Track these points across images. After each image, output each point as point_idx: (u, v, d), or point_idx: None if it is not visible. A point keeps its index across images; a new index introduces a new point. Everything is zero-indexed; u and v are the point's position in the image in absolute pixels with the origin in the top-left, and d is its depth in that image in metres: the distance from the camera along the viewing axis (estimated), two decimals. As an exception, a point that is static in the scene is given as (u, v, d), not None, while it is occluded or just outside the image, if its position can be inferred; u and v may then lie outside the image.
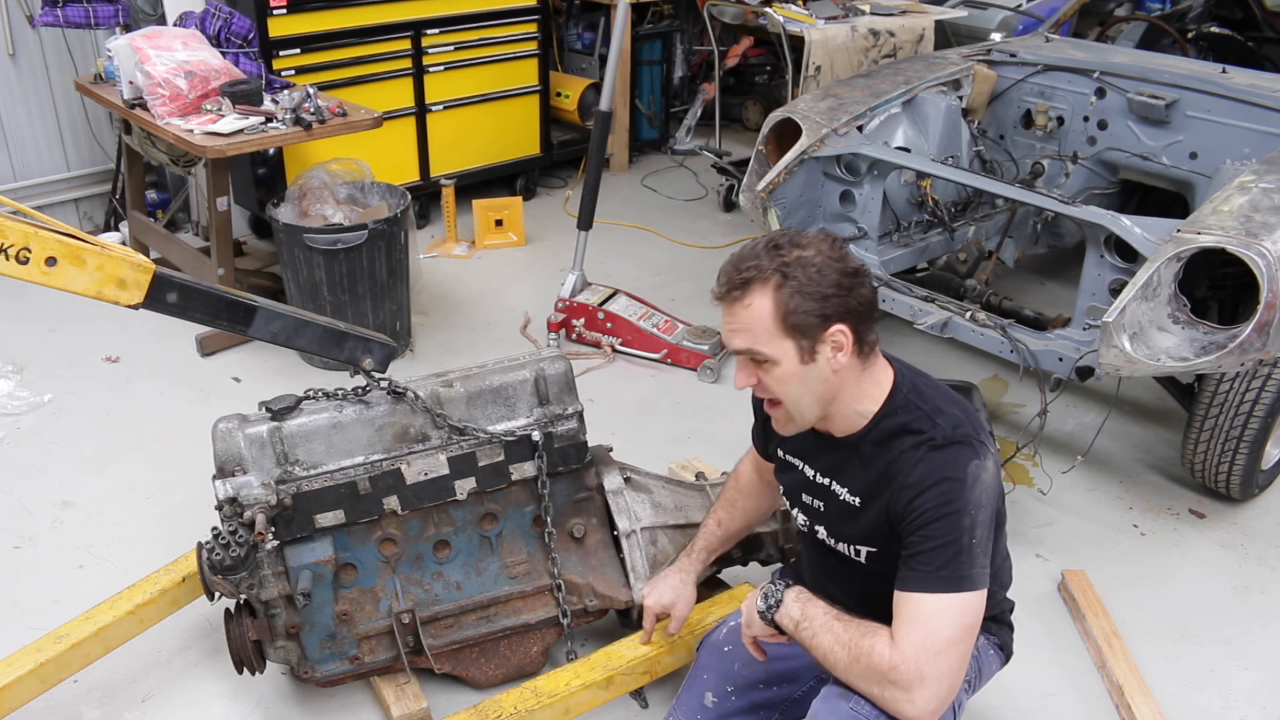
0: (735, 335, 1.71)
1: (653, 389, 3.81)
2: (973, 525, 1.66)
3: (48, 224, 2.04)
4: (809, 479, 1.92)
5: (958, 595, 1.64)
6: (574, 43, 6.10)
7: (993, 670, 2.02)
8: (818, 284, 1.65)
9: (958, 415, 1.75)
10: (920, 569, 1.66)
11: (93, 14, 4.26)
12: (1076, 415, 3.68)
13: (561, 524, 2.45)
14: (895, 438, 1.75)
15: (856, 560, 1.87)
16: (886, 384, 1.79)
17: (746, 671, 2.02)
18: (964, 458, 1.68)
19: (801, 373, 1.70)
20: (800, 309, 1.65)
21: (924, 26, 5.24)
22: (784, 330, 1.66)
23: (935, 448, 1.70)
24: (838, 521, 1.88)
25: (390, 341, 2.48)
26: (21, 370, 3.81)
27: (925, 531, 1.67)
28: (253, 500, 2.16)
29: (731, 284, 1.69)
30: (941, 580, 1.65)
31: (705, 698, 2.04)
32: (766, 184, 3.61)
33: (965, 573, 1.65)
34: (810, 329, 1.66)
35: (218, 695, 2.48)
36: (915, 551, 1.68)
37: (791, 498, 2.00)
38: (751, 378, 1.75)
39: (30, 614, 2.68)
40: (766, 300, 1.66)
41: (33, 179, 4.78)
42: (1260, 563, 3.01)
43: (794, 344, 1.67)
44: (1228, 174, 3.44)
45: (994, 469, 1.72)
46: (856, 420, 1.79)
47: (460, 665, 2.42)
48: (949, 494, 1.66)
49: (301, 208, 3.82)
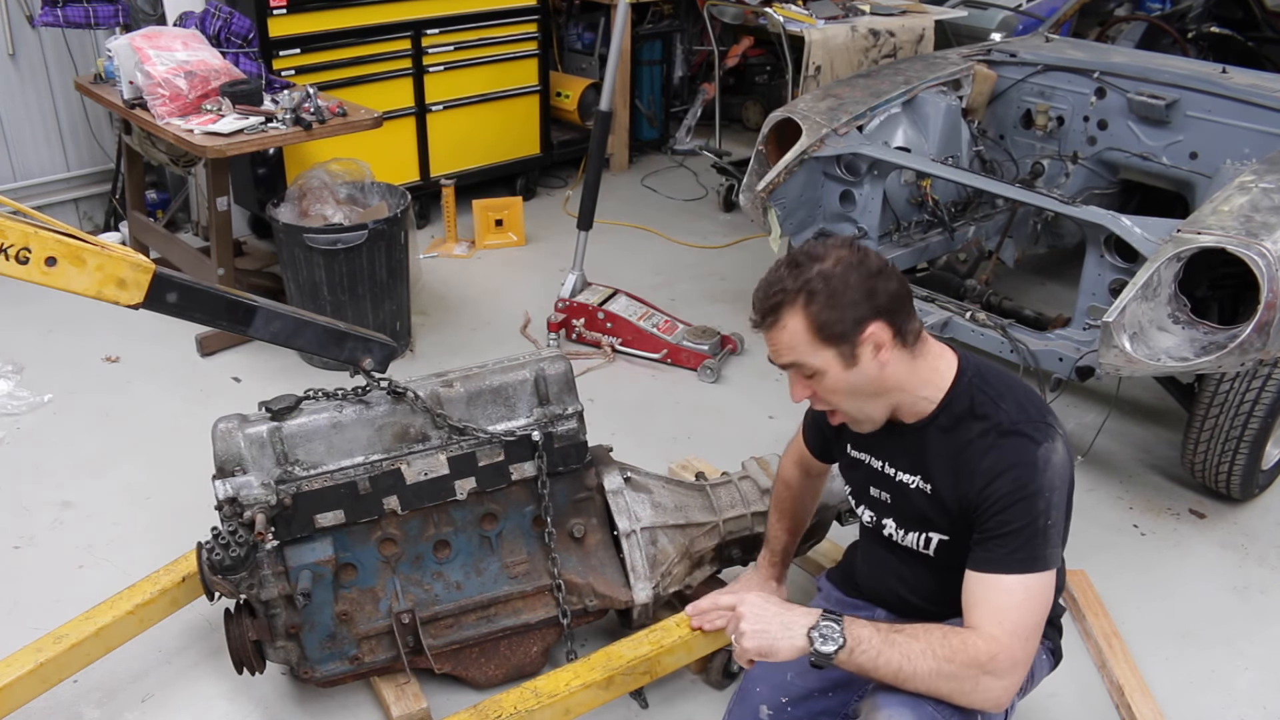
0: (779, 355, 1.77)
1: (653, 389, 3.81)
2: (1048, 508, 1.69)
3: (48, 224, 2.03)
4: (877, 471, 1.94)
5: (1036, 576, 1.67)
6: (574, 43, 6.10)
7: (1044, 674, 2.02)
8: (841, 293, 1.69)
9: (1022, 399, 1.79)
10: (997, 550, 1.69)
11: (93, 14, 4.26)
12: (1076, 415, 3.68)
13: (561, 524, 2.44)
14: (963, 423, 1.78)
15: (926, 554, 1.89)
16: (948, 370, 1.82)
17: (801, 681, 2.00)
18: (1035, 441, 1.72)
19: (848, 378, 1.74)
20: (831, 320, 1.69)
21: (924, 26, 5.24)
22: (821, 342, 1.71)
23: (1003, 434, 1.74)
24: (907, 512, 1.90)
25: (390, 341, 2.48)
26: (21, 370, 3.81)
27: (1002, 517, 1.69)
28: (253, 500, 2.16)
29: (764, 312, 1.74)
30: (1019, 562, 1.67)
31: (760, 711, 2.02)
32: (766, 184, 3.61)
33: (1040, 553, 1.68)
34: (845, 336, 1.70)
35: (218, 695, 2.48)
36: (992, 535, 1.70)
37: (858, 494, 2.02)
38: (806, 390, 1.79)
39: (30, 614, 2.68)
40: (798, 320, 1.71)
41: (33, 179, 4.78)
42: (1260, 563, 3.01)
43: (834, 352, 1.72)
44: (1228, 174, 3.44)
45: (1064, 451, 1.74)
46: (924, 406, 1.82)
47: (460, 665, 2.42)
48: (1022, 479, 1.69)
49: (301, 208, 3.82)
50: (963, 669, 1.63)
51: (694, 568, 2.54)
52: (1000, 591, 1.67)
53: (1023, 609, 1.66)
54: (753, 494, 2.59)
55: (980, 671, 1.63)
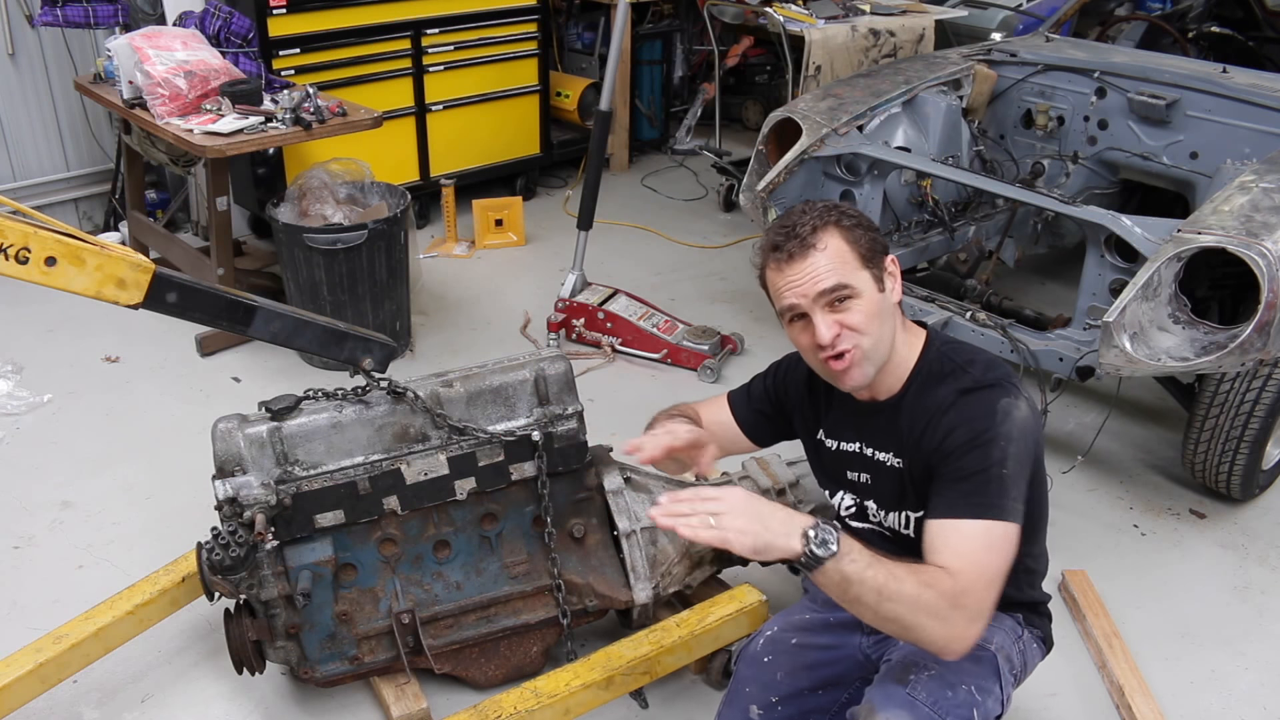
0: (822, 278, 1.74)
1: (653, 389, 3.81)
2: (1004, 457, 1.70)
3: (47, 224, 2.03)
4: (853, 453, 1.95)
5: (998, 524, 1.66)
6: (574, 42, 6.10)
7: (1036, 662, 2.02)
8: (862, 221, 1.79)
9: (989, 362, 1.84)
10: (952, 495, 1.70)
11: (92, 14, 4.26)
12: (1077, 415, 3.68)
13: (561, 524, 2.44)
14: (929, 388, 1.82)
15: (908, 534, 1.89)
16: (919, 339, 1.88)
17: (790, 680, 2.01)
18: (994, 396, 1.75)
19: (880, 301, 1.78)
20: (864, 240, 1.77)
21: (924, 26, 5.23)
22: (860, 261, 1.76)
23: (966, 391, 1.77)
24: (886, 491, 1.91)
25: (390, 341, 2.48)
26: (21, 370, 3.81)
27: (960, 463, 1.71)
28: (252, 500, 2.16)
29: (801, 236, 1.75)
30: (976, 507, 1.67)
31: (750, 711, 2.02)
32: (767, 184, 3.61)
33: (998, 502, 1.67)
34: (876, 258, 1.78)
35: (218, 695, 2.48)
36: (948, 480, 1.72)
37: (834, 481, 2.02)
38: (835, 326, 1.75)
39: (30, 614, 2.68)
40: (838, 239, 1.75)
41: (32, 179, 4.78)
42: (1261, 563, 3.01)
43: (869, 274, 1.76)
44: (1228, 174, 3.44)
45: (1027, 410, 1.76)
46: (900, 373, 1.85)
47: (460, 665, 2.42)
48: (979, 426, 1.72)
49: (301, 207, 3.82)
50: (939, 598, 1.58)
51: (694, 568, 2.54)
52: (960, 536, 1.66)
53: (986, 553, 1.64)
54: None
55: (952, 605, 1.58)
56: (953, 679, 1.76)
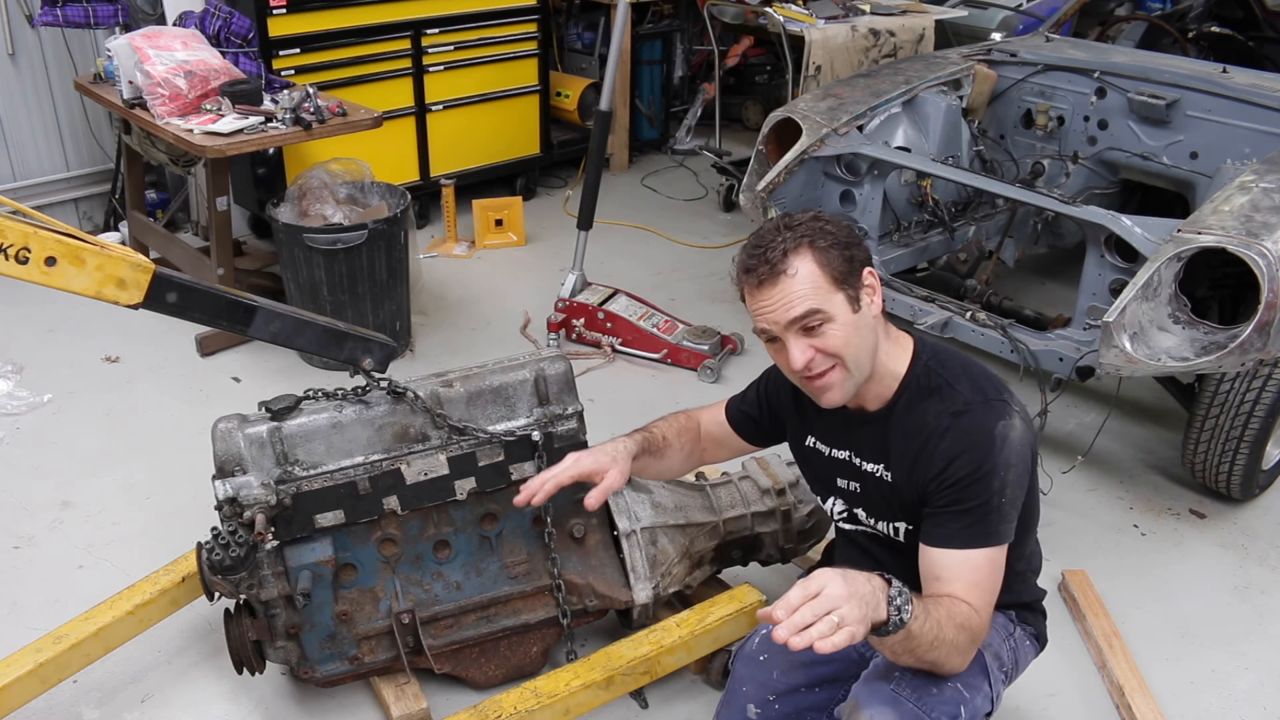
0: (793, 305, 1.71)
1: (653, 389, 3.81)
2: (1003, 486, 1.72)
3: (47, 224, 2.03)
4: (842, 461, 1.95)
5: (996, 549, 1.73)
6: (574, 42, 6.10)
7: (1029, 660, 2.03)
8: (837, 237, 1.74)
9: (978, 378, 1.82)
10: (952, 525, 1.73)
11: (92, 14, 4.26)
12: (1076, 415, 3.68)
13: (561, 524, 2.44)
14: (919, 405, 1.81)
15: (897, 540, 1.90)
16: (906, 349, 1.86)
17: (786, 679, 2.01)
18: (990, 420, 1.75)
19: (854, 321, 1.75)
20: (837, 261, 1.72)
21: (924, 26, 5.24)
22: (832, 284, 1.72)
23: (958, 414, 1.76)
24: (876, 500, 1.92)
25: (390, 341, 2.48)
26: (21, 370, 3.80)
27: (959, 495, 1.73)
28: (252, 500, 2.16)
29: (771, 262, 1.72)
30: (978, 536, 1.72)
31: (747, 710, 2.02)
32: (767, 184, 3.61)
33: (996, 529, 1.73)
34: (850, 276, 1.74)
35: (218, 695, 2.48)
36: (946, 511, 1.74)
37: (825, 486, 2.03)
38: (808, 350, 1.75)
39: (30, 614, 2.67)
40: (809, 263, 1.71)
41: (32, 179, 4.77)
42: (1261, 563, 3.01)
43: (843, 295, 1.73)
44: (1228, 174, 3.44)
45: (1021, 427, 1.77)
46: (888, 384, 1.84)
47: (460, 665, 2.42)
48: (977, 459, 1.72)
49: (301, 207, 3.82)
50: (970, 640, 1.69)
51: (694, 568, 2.54)
52: (972, 567, 1.71)
53: (992, 581, 1.73)
54: (753, 494, 2.58)
55: (974, 641, 1.70)
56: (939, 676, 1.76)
